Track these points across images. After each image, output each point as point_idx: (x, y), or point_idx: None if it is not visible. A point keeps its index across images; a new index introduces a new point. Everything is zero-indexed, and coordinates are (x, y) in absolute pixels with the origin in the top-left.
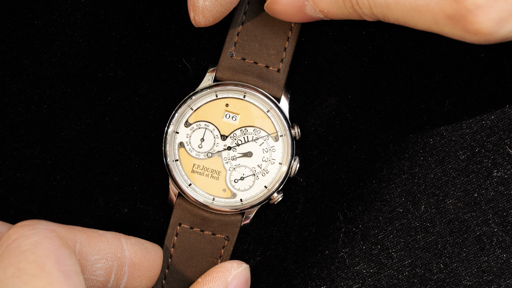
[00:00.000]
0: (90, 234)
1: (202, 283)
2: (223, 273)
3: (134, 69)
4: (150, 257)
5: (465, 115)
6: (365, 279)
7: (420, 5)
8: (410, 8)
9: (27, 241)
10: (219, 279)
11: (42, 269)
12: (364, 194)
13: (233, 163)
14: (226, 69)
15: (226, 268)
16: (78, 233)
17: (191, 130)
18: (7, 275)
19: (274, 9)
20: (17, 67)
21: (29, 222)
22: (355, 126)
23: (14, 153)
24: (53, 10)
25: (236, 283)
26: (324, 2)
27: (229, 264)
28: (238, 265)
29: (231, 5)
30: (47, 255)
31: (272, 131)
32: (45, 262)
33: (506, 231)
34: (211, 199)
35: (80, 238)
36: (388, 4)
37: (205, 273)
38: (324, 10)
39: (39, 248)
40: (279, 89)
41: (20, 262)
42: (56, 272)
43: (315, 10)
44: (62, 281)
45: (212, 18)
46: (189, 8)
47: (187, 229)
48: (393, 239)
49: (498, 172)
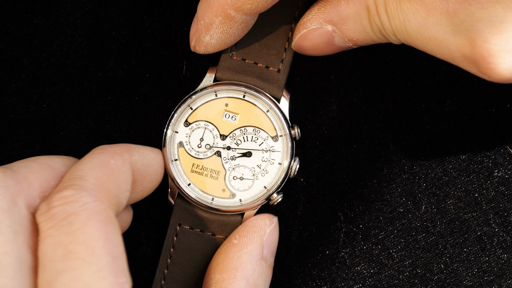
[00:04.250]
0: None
1: (239, 245)
2: (259, 233)
3: (134, 68)
4: (152, 171)
5: (465, 115)
6: (366, 279)
7: (438, 39)
8: (429, 40)
9: (77, 219)
10: (255, 240)
11: (93, 253)
12: (364, 194)
13: (232, 163)
14: (226, 70)
15: (260, 227)
16: (110, 185)
17: (191, 130)
18: (56, 256)
19: (302, 46)
20: (17, 67)
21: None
22: (356, 126)
23: (13, 152)
24: (52, 10)
25: (270, 241)
26: (353, 31)
27: (262, 221)
28: (270, 220)
29: (233, 42)
30: (97, 235)
31: (272, 131)
32: (95, 244)
33: (507, 231)
34: (210, 199)
35: (114, 190)
36: (409, 33)
37: (239, 234)
38: (353, 39)
39: (88, 227)
40: (279, 89)
41: (70, 243)
42: (105, 257)
43: (344, 40)
44: (110, 266)
45: (212, 51)
46: (192, 36)
47: (187, 230)
48: (394, 239)
49: (499, 172)
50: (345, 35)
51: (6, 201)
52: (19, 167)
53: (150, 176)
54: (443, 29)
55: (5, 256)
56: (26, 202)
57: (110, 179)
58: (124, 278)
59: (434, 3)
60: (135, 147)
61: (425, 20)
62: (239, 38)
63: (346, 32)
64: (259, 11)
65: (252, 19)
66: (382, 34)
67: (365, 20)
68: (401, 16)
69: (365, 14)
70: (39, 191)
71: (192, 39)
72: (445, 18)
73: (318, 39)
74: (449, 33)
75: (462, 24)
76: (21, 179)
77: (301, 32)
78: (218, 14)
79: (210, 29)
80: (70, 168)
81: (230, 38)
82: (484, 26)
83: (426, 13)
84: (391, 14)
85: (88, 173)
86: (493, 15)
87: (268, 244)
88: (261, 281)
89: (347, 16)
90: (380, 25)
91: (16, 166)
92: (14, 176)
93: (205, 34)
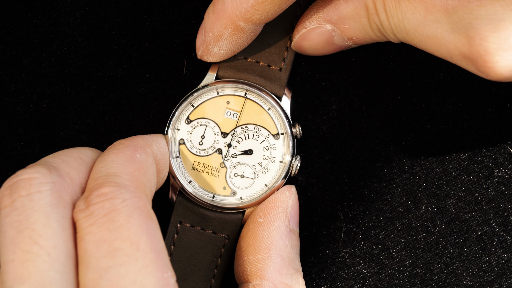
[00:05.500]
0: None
1: (266, 223)
2: (282, 208)
3: (134, 68)
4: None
5: (465, 115)
6: (366, 279)
7: (436, 37)
8: (428, 38)
9: (119, 216)
10: (281, 215)
11: (137, 249)
12: (365, 194)
13: (233, 160)
14: (227, 68)
15: (282, 201)
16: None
17: (192, 127)
18: (100, 253)
19: (302, 46)
20: (16, 66)
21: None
22: (356, 126)
23: (13, 152)
24: (52, 9)
25: (294, 212)
26: (352, 30)
27: (282, 195)
28: (290, 192)
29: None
30: (140, 231)
31: (273, 129)
32: (139, 240)
33: (507, 231)
34: (211, 196)
35: (147, 184)
36: (407, 31)
37: (263, 211)
38: (353, 38)
39: (131, 223)
40: (281, 87)
41: (115, 240)
42: (149, 252)
43: (343, 39)
44: (155, 261)
45: (220, 60)
46: (199, 46)
47: (188, 228)
48: (394, 239)
49: (499, 171)
50: (344, 34)
51: (54, 196)
52: (59, 164)
53: (167, 163)
54: (442, 27)
55: (55, 250)
56: (71, 198)
57: (142, 174)
58: (169, 272)
59: (433, 1)
60: (148, 137)
61: (423, 18)
62: (247, 45)
63: (345, 31)
64: (269, 20)
65: (260, 27)
66: (381, 33)
67: (364, 19)
68: (400, 15)
69: (364, 13)
70: (80, 186)
71: (200, 49)
72: (444, 16)
73: (317, 39)
74: (448, 31)
75: (460, 22)
76: (64, 175)
77: (301, 32)
78: (228, 26)
79: (219, 41)
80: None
81: (239, 47)
82: (482, 24)
83: (425, 11)
84: (390, 13)
85: (120, 169)
86: (491, 12)
87: (293, 216)
88: (293, 254)
89: (346, 15)
90: (379, 23)
91: (55, 162)
92: (58, 173)
93: (214, 45)
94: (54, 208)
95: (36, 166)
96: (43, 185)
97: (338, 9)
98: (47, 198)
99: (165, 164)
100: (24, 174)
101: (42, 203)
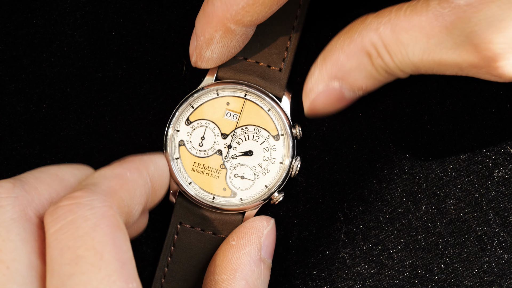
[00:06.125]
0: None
1: (237, 247)
2: (256, 235)
3: (134, 68)
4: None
5: (465, 115)
6: (366, 280)
7: (443, 59)
8: (434, 64)
9: (85, 223)
10: (253, 241)
11: (101, 259)
12: (364, 194)
13: (233, 161)
14: (227, 69)
15: (257, 228)
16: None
17: (192, 129)
18: (64, 260)
19: (315, 110)
20: (16, 67)
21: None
22: (356, 126)
23: (13, 152)
24: (52, 10)
25: (268, 243)
26: (359, 80)
27: (259, 223)
28: (267, 222)
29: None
30: (105, 240)
31: (273, 130)
32: (104, 249)
33: (507, 231)
34: (211, 197)
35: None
36: (414, 63)
37: (237, 235)
38: (363, 87)
39: (97, 232)
40: (281, 88)
41: (78, 248)
42: (114, 262)
43: (353, 91)
44: (119, 271)
45: (214, 65)
46: (192, 52)
47: (188, 229)
48: (394, 239)
49: (499, 172)
50: (353, 86)
51: (15, 210)
52: (28, 178)
53: (165, 183)
54: (446, 46)
55: (14, 263)
56: (36, 211)
57: (124, 189)
58: (134, 283)
59: (431, 23)
60: (147, 158)
61: (426, 44)
62: (240, 50)
63: (353, 83)
64: (259, 22)
65: (252, 30)
66: (388, 73)
67: (369, 66)
68: (403, 49)
69: (367, 60)
70: (49, 200)
71: (193, 55)
72: (445, 34)
73: (328, 100)
74: (453, 48)
75: (462, 34)
76: (30, 190)
77: (311, 99)
78: (218, 28)
79: (211, 44)
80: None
81: (231, 50)
82: (483, 28)
83: (426, 37)
84: (392, 51)
85: (102, 181)
86: (489, 15)
87: (266, 246)
88: (260, 282)
89: (350, 68)
90: (385, 65)
91: (26, 178)
92: (23, 187)
93: (206, 49)
94: (15, 222)
95: (0, 181)
96: (4, 199)
97: (341, 65)
98: (8, 213)
99: (162, 185)
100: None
101: (3, 218)
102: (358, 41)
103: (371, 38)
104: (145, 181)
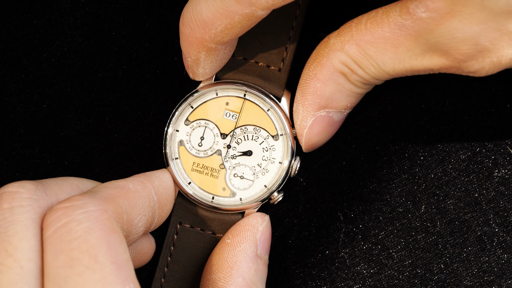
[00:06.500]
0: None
1: (233, 244)
2: (251, 231)
3: (134, 68)
4: (171, 190)
5: (465, 115)
6: (366, 279)
7: (415, 65)
8: (407, 69)
9: (78, 226)
10: (248, 238)
11: (95, 261)
12: (364, 194)
13: (232, 161)
14: (227, 69)
15: (252, 225)
16: (122, 201)
17: (191, 129)
18: (58, 263)
19: (313, 144)
20: (17, 67)
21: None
22: (355, 126)
23: (13, 152)
24: (52, 10)
25: (263, 239)
26: (343, 100)
27: (254, 220)
28: (262, 219)
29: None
30: (99, 243)
31: (272, 130)
32: (98, 252)
33: (507, 231)
34: (210, 197)
35: (125, 206)
36: (387, 72)
37: (232, 233)
38: (348, 105)
39: (91, 235)
40: (280, 88)
41: (72, 250)
42: (108, 264)
43: (340, 112)
44: (114, 273)
45: (211, 75)
46: (186, 68)
47: (187, 228)
48: (394, 239)
49: (499, 172)
50: (339, 108)
51: (36, 211)
52: (51, 183)
53: (171, 197)
54: (415, 53)
55: (28, 263)
56: None
57: (124, 198)
58: (131, 284)
59: (395, 34)
60: (150, 173)
61: (395, 54)
62: (230, 55)
63: (338, 105)
64: (240, 35)
65: (236, 40)
66: (367, 84)
67: (346, 84)
68: (373, 62)
69: (343, 80)
70: None
71: (188, 72)
72: (412, 42)
73: (321, 129)
74: (422, 54)
75: (428, 42)
76: (51, 195)
77: (304, 135)
78: (201, 49)
79: (199, 63)
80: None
81: (222, 61)
82: (448, 39)
83: (393, 47)
84: (364, 66)
85: (102, 189)
86: (451, 28)
87: (262, 242)
88: (257, 279)
89: (330, 92)
90: (360, 78)
91: (48, 183)
92: (45, 191)
93: (196, 67)
94: (33, 223)
95: (23, 182)
96: (26, 199)
97: (320, 93)
98: (28, 213)
99: (168, 198)
100: (10, 188)
101: (23, 217)
102: (328, 65)
103: (340, 58)
104: (149, 193)
